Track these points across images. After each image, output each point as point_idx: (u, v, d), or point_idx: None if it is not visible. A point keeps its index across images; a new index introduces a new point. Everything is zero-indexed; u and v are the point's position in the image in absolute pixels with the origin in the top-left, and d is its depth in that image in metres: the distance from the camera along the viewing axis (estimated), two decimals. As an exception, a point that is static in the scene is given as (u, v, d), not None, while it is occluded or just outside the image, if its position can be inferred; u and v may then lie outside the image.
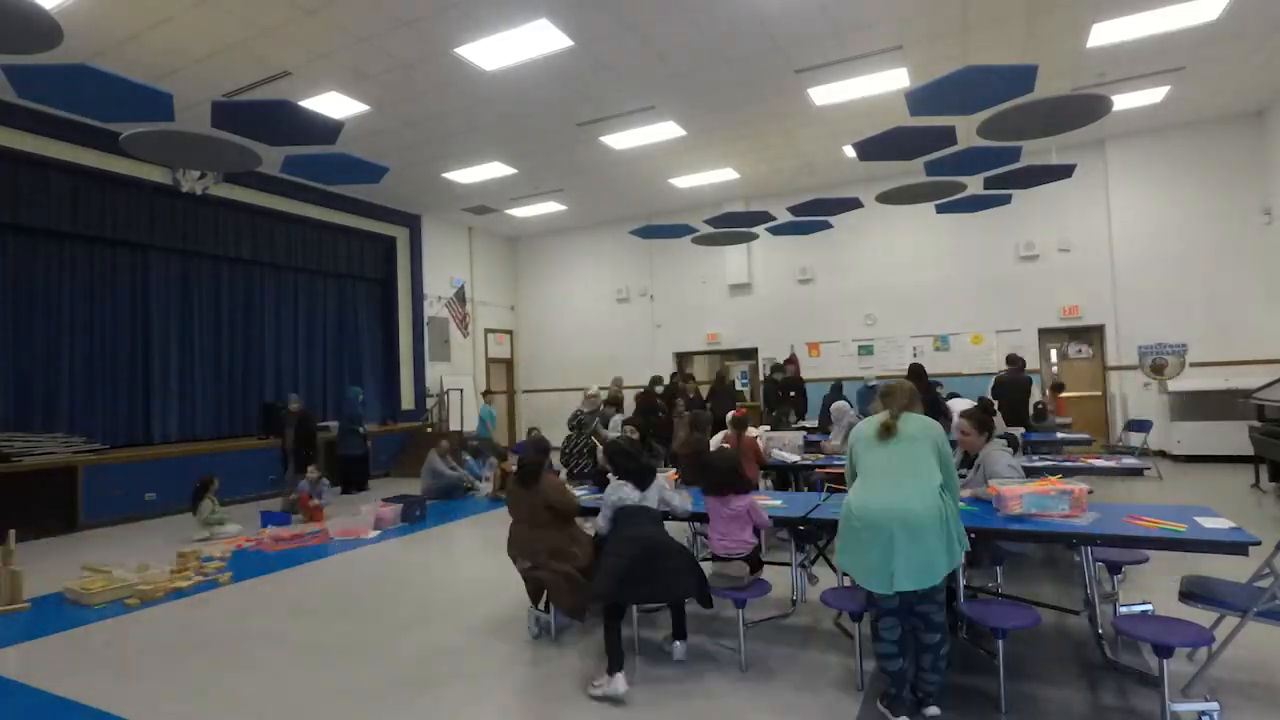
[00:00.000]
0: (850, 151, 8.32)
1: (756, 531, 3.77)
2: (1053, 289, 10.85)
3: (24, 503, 7.17)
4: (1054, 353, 11.33)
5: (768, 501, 4.13)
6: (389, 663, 3.84)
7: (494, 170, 10.69)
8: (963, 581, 4.19)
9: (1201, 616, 2.97)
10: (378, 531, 7.17)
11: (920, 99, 4.97)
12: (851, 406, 7.35)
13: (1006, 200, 8.06)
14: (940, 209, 8.13)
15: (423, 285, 13.27)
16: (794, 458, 6.08)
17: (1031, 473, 4.26)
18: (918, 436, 2.90)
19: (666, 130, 9.28)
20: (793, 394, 9.95)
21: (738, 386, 14.04)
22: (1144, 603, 3.71)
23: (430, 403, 13.13)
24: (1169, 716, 2.64)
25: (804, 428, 8.29)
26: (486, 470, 9.47)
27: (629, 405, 9.54)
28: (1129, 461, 5.26)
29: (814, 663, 3.54)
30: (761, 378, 12.96)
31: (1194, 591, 3.05)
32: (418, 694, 3.45)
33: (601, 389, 8.17)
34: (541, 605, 4.11)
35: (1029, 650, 3.51)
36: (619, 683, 3.20)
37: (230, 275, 10.48)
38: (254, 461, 9.38)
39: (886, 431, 2.92)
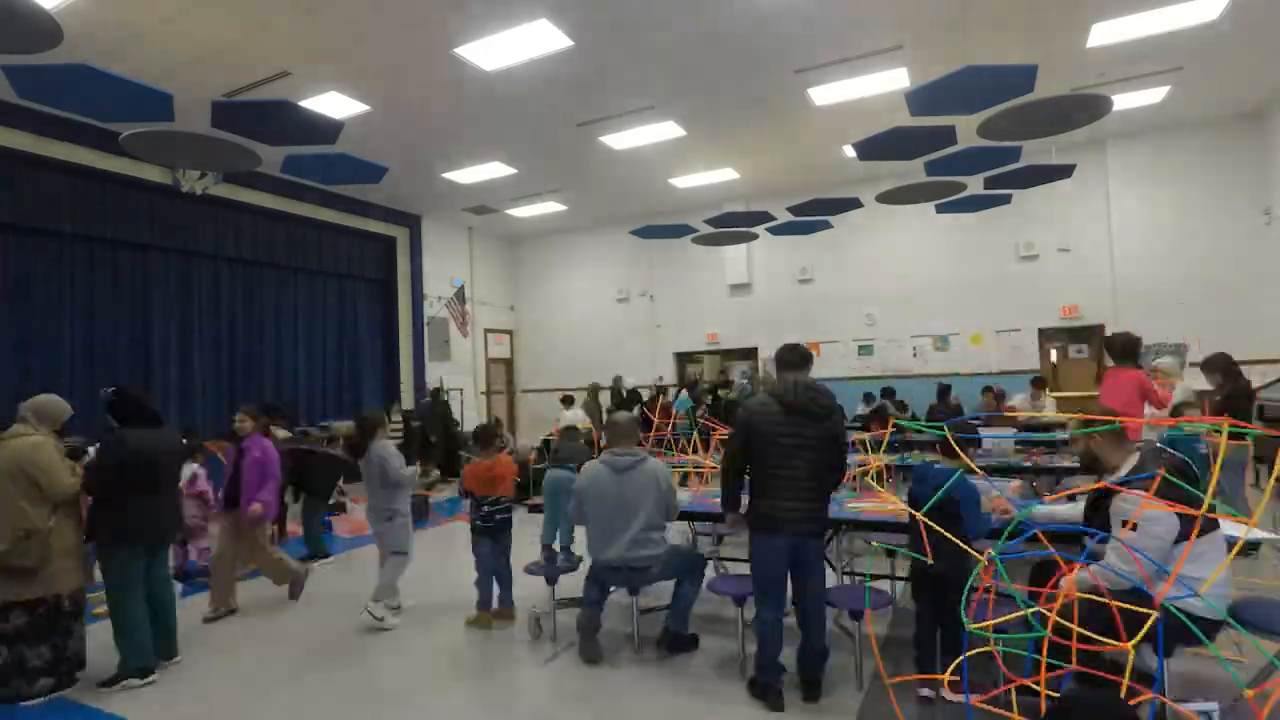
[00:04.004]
0: (850, 151, 8.30)
1: None
2: (1053, 289, 10.85)
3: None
4: (1054, 353, 11.33)
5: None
6: (385, 663, 3.84)
7: (494, 170, 10.69)
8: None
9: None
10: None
11: (920, 99, 4.96)
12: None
13: (1006, 200, 8.05)
14: (940, 209, 8.12)
15: (423, 285, 13.27)
16: None
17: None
18: None
19: (666, 130, 9.28)
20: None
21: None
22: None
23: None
24: (1169, 716, 2.64)
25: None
26: None
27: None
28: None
29: (814, 663, 3.53)
30: (761, 374, 12.95)
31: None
32: (414, 695, 3.45)
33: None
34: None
35: (1029, 650, 3.51)
36: None
37: (230, 275, 10.47)
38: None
39: None
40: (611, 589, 3.89)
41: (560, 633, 4.10)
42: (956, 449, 2.87)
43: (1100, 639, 2.09)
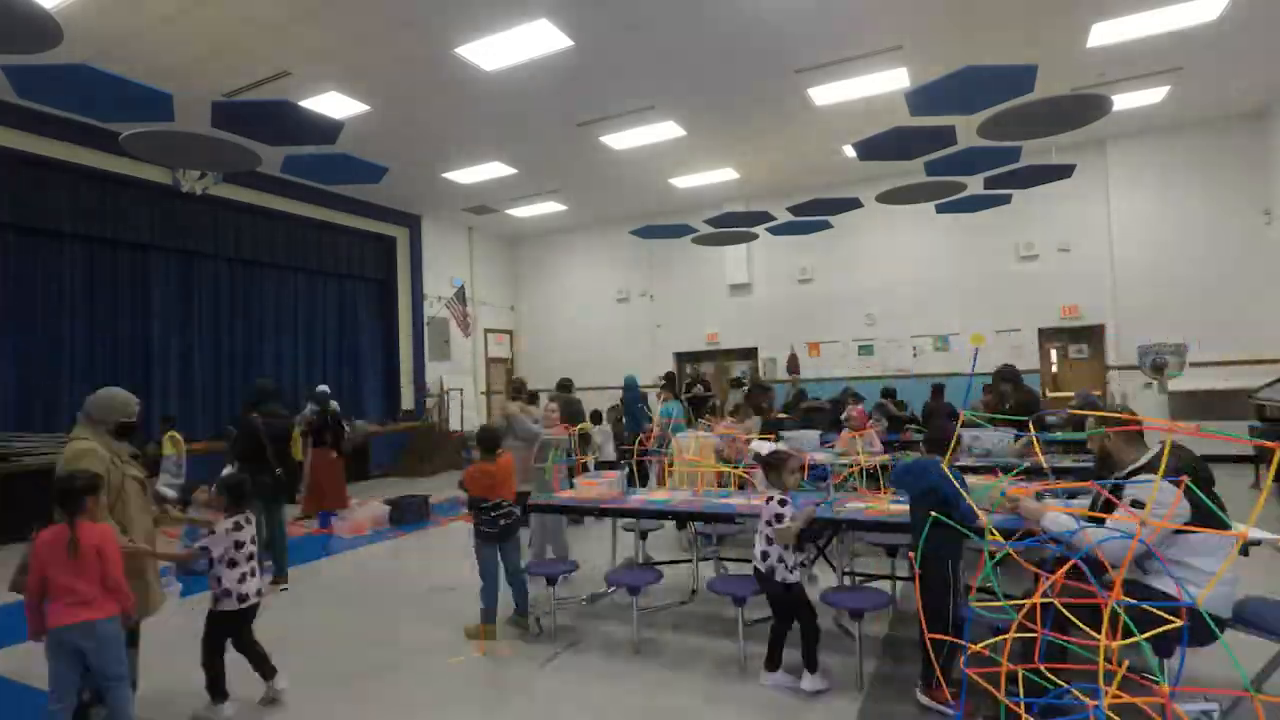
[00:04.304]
0: (850, 151, 8.30)
1: None
2: (1053, 289, 10.85)
3: (24, 503, 7.16)
4: (1054, 353, 11.34)
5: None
6: (380, 660, 3.84)
7: (494, 170, 10.69)
8: (964, 582, 4.20)
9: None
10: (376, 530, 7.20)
11: (920, 99, 4.96)
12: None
13: (1006, 200, 8.05)
14: (940, 209, 8.12)
15: (423, 285, 13.27)
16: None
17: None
18: None
19: (666, 130, 9.28)
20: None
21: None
22: (1144, 603, 3.71)
23: (430, 402, 13.13)
24: (1169, 716, 2.64)
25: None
26: None
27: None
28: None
29: (814, 663, 3.53)
30: (762, 376, 12.95)
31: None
32: (412, 692, 3.45)
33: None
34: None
35: (1029, 650, 3.50)
36: None
37: (230, 275, 10.47)
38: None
39: None
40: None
41: (560, 633, 4.10)
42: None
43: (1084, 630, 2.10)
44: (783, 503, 3.37)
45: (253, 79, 7.16)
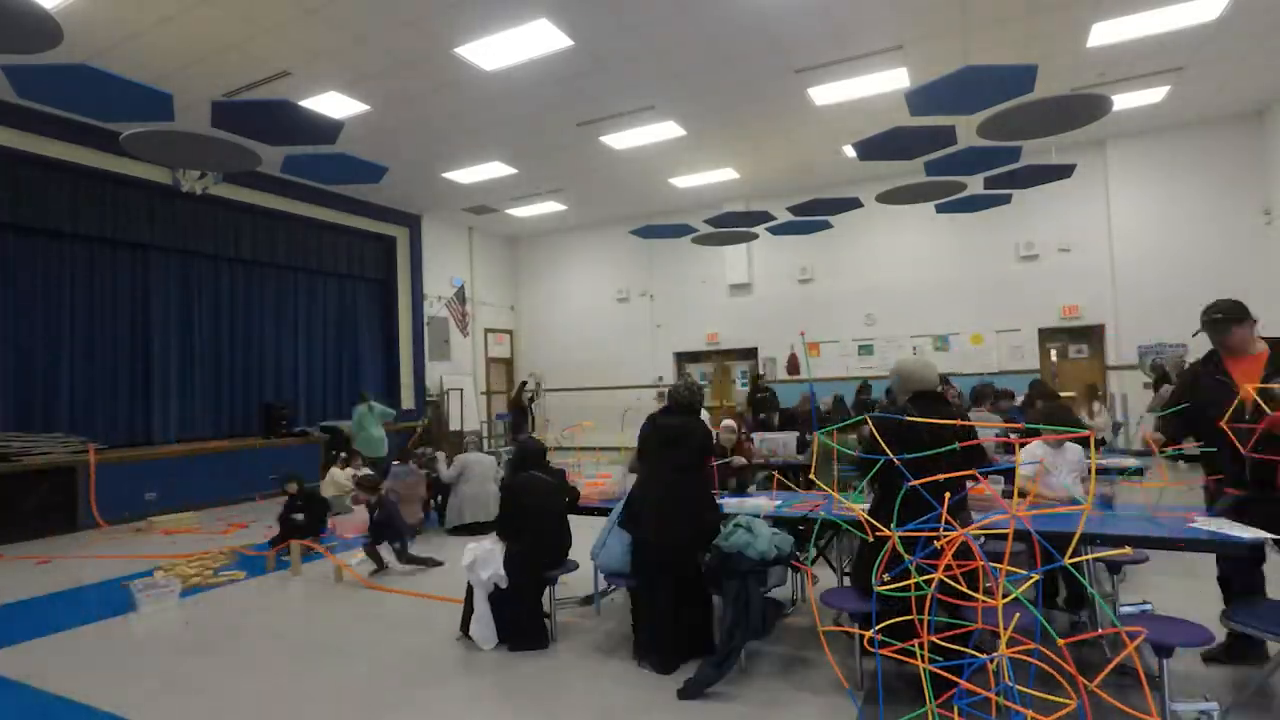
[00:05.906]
0: (850, 151, 8.31)
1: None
2: (1053, 289, 10.86)
3: (24, 502, 7.17)
4: (1053, 352, 11.33)
5: (765, 502, 4.13)
6: (383, 662, 3.84)
7: (494, 170, 10.70)
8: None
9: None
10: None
11: (920, 99, 4.97)
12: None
13: (1006, 200, 8.07)
14: (940, 209, 8.14)
15: (423, 285, 13.27)
16: None
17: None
18: None
19: (666, 130, 9.28)
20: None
21: (738, 387, 14.03)
22: (1144, 602, 3.72)
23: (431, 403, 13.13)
24: (1169, 716, 2.64)
25: None
26: None
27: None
28: (1130, 461, 5.26)
29: (814, 662, 3.54)
30: (761, 375, 12.96)
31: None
32: (414, 693, 3.45)
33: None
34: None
35: (1029, 650, 3.50)
36: None
37: (230, 275, 10.47)
38: (252, 461, 9.35)
39: None
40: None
41: (560, 632, 4.10)
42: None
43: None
44: None
45: (253, 79, 7.16)
